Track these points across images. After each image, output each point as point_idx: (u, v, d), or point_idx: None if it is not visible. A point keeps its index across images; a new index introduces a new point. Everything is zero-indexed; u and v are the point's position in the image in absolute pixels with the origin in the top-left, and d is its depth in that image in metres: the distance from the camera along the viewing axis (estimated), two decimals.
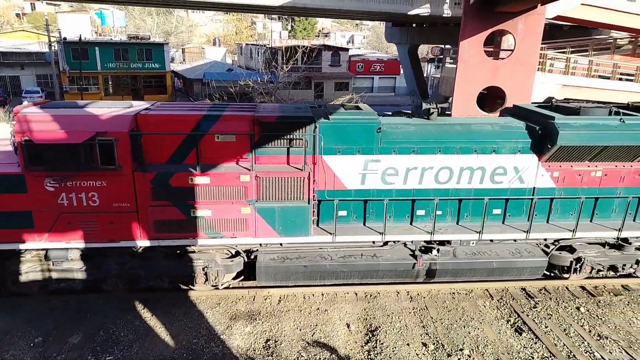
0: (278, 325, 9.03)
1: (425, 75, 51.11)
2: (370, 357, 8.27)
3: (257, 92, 30.97)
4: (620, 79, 23.74)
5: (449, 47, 34.59)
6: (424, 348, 8.52)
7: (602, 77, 24.00)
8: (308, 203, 9.01)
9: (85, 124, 8.22)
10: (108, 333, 8.66)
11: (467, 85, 20.61)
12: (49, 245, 8.81)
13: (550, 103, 11.10)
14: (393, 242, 9.96)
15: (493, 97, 20.59)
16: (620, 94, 22.26)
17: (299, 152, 8.97)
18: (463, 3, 20.56)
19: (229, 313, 9.40)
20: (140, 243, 8.94)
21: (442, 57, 39.80)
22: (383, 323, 9.21)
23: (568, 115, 9.86)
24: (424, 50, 55.84)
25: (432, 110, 10.04)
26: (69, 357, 8.06)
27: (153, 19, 70.19)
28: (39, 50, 46.75)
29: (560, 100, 11.80)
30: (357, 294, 10.20)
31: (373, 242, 9.88)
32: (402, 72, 48.68)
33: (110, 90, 43.89)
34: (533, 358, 8.33)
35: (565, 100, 12.13)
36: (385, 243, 9.97)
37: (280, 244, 9.59)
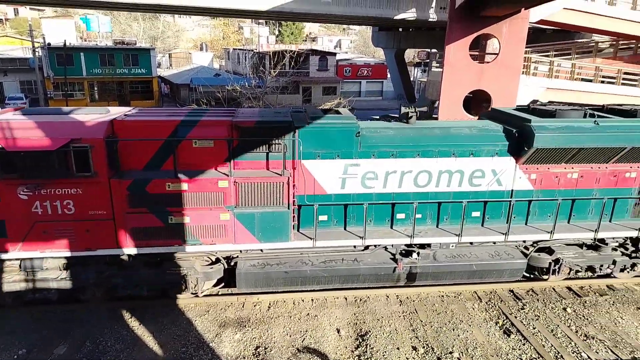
0: (268, 332, 8.96)
1: (412, 79, 51.51)
2: None
3: (244, 97, 30.83)
4: (603, 82, 24.19)
5: (435, 51, 34.90)
6: (414, 352, 8.51)
7: (584, 80, 24.44)
8: (288, 208, 8.95)
9: (60, 131, 8.05)
10: (95, 343, 8.49)
11: (453, 89, 20.80)
12: (23, 255, 8.59)
13: (528, 106, 11.18)
14: (374, 246, 9.94)
15: (479, 100, 20.81)
16: (602, 97, 22.65)
17: (278, 157, 8.91)
18: (448, 8, 20.78)
19: (218, 320, 9.30)
20: (118, 251, 8.79)
21: (428, 61, 40.18)
22: (373, 327, 9.18)
23: (544, 118, 9.94)
24: (411, 55, 56.29)
25: (410, 115, 10.10)
26: None
27: (139, 24, 69.79)
28: (23, 56, 46.22)
29: (540, 103, 11.96)
30: (347, 299, 10.17)
31: (354, 246, 9.84)
32: (389, 76, 49.09)
33: (96, 96, 43.40)
34: (522, 359, 8.41)
35: (549, 103, 12.30)
36: (366, 247, 9.94)
37: (261, 250, 9.52)
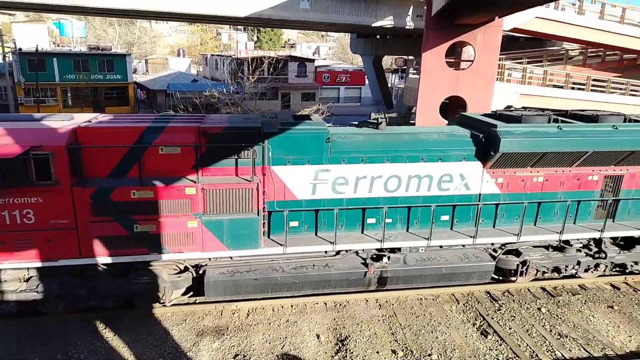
0: (247, 340, 8.87)
1: (390, 86, 52.08)
2: None
3: (223, 103, 30.60)
4: (573, 88, 24.98)
5: (412, 58, 35.44)
6: (394, 355, 8.54)
7: (556, 86, 25.21)
8: (257, 215, 8.86)
9: (19, 138, 7.78)
10: (67, 356, 8.24)
11: (429, 95, 21.13)
12: None
13: (495, 111, 11.43)
14: (345, 251, 9.92)
15: (455, 106, 21.18)
16: (573, 102, 23.38)
17: (248, 163, 8.83)
18: (425, 15, 21.14)
19: (196, 329, 9.16)
20: (81, 261, 8.52)
21: (405, 67, 40.72)
22: (353, 332, 9.19)
23: (510, 123, 10.14)
24: (388, 61, 57.00)
25: (380, 120, 10.21)
26: None
27: (115, 30, 68.64)
28: None
29: (514, 109, 12.26)
30: (326, 304, 10.15)
31: (325, 252, 9.81)
32: (367, 82, 49.55)
33: (70, 103, 42.36)
34: (499, 359, 8.54)
35: (523, 109, 12.61)
36: (338, 252, 9.91)
37: (230, 258, 9.39)
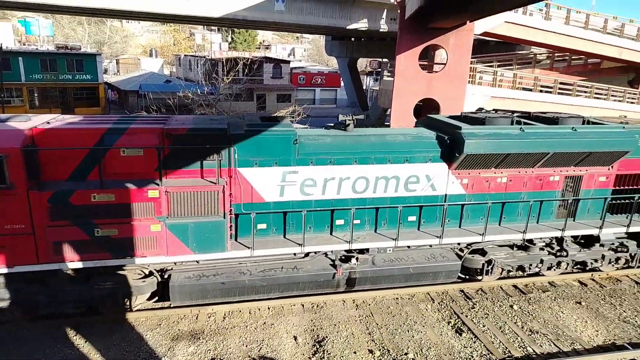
0: (223, 343, 8.75)
1: (365, 88, 52.49)
2: None
3: (197, 104, 30.18)
4: (541, 91, 25.76)
5: (387, 60, 35.82)
6: (371, 355, 8.58)
7: (525, 89, 25.95)
8: (224, 217, 8.74)
9: None
10: None
11: (404, 97, 21.40)
12: None
13: (460, 114, 11.61)
14: (314, 253, 9.90)
15: (429, 108, 21.53)
16: (541, 105, 24.11)
17: (213, 165, 8.72)
18: (399, 19, 21.41)
19: (171, 334, 8.98)
20: (38, 267, 8.20)
21: (380, 70, 41.11)
22: (330, 333, 9.19)
23: (474, 125, 10.29)
24: (363, 64, 57.42)
25: (348, 122, 10.28)
26: None
27: (84, 29, 66.83)
28: None
29: (485, 111, 12.54)
30: (303, 306, 10.11)
31: (294, 254, 9.75)
32: (342, 84, 49.82)
33: (37, 103, 41.00)
34: (473, 357, 8.63)
35: (494, 111, 12.91)
36: (307, 254, 9.87)
37: (197, 261, 9.23)
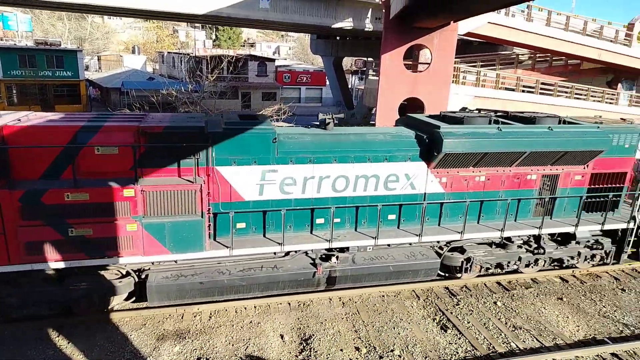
0: (209, 343, 8.74)
1: (350, 87, 52.65)
2: None
3: (181, 101, 29.83)
4: (524, 91, 26.22)
5: (372, 59, 36.02)
6: (357, 352, 8.68)
7: (508, 89, 26.37)
8: (202, 217, 8.68)
9: None
10: None
11: (389, 96, 21.60)
12: None
13: (440, 113, 11.79)
14: (295, 252, 9.90)
15: (414, 107, 21.74)
16: (524, 104, 24.58)
17: (190, 163, 8.65)
18: (383, 18, 21.56)
19: (156, 333, 8.93)
20: (10, 268, 8.03)
21: (365, 69, 41.32)
22: (317, 331, 9.26)
23: (453, 125, 10.46)
24: (348, 63, 57.55)
25: (327, 121, 10.34)
26: None
27: (64, 24, 65.39)
28: None
29: (468, 110, 12.70)
30: (290, 304, 10.16)
31: (274, 253, 9.75)
32: (328, 83, 49.83)
33: (15, 100, 40.05)
34: (458, 353, 8.82)
35: (477, 110, 13.09)
36: (288, 253, 9.87)
37: (175, 261, 9.15)
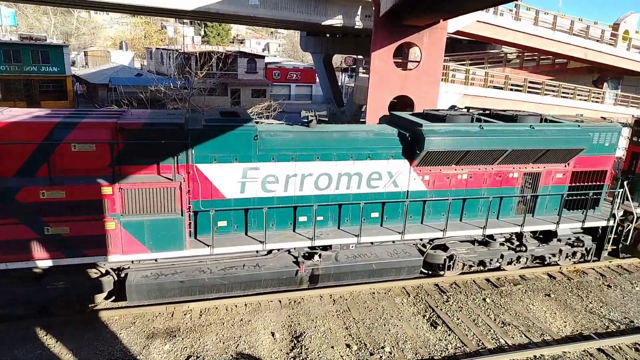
0: (200, 341, 8.71)
1: (340, 84, 52.61)
2: None
3: (169, 98, 29.54)
4: (512, 89, 26.46)
5: (362, 57, 36.01)
6: (348, 349, 8.73)
7: (496, 87, 26.59)
8: (181, 215, 8.60)
9: None
10: None
11: (379, 94, 21.64)
12: None
13: (423, 111, 11.82)
14: (277, 250, 9.86)
15: (404, 105, 21.81)
16: (512, 103, 24.81)
17: (170, 161, 8.56)
18: (373, 16, 21.57)
19: (146, 332, 8.89)
20: None
21: (355, 66, 41.31)
22: (307, 328, 9.28)
23: (435, 123, 10.49)
24: (338, 60, 57.51)
25: (310, 119, 10.32)
26: None
27: (50, 19, 64.28)
28: None
29: (457, 108, 12.76)
30: (281, 302, 10.17)
31: (257, 251, 9.70)
32: (318, 80, 49.76)
33: (0, 96, 39.39)
34: (447, 349, 8.91)
35: (466, 109, 13.17)
36: (270, 252, 9.83)
37: (155, 260, 9.08)
